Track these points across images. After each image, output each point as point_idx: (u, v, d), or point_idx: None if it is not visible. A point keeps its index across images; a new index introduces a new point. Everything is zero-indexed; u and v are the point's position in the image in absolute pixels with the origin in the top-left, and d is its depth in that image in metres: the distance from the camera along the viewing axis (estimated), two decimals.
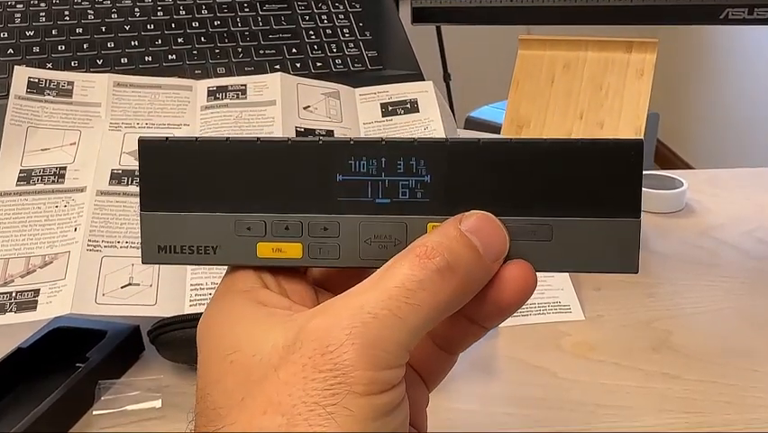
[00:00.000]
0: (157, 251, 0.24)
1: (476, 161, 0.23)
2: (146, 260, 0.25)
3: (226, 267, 0.25)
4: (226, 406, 0.21)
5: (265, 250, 0.24)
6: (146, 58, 0.63)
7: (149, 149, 0.24)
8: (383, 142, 0.24)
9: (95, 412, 0.40)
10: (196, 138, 0.24)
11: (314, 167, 0.24)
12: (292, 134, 0.51)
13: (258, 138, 0.24)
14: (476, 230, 0.23)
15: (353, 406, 0.20)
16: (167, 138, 0.24)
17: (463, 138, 0.24)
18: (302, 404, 0.20)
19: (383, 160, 0.23)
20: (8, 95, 0.50)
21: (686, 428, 0.40)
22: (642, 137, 0.24)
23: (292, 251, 0.24)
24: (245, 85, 0.54)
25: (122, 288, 0.42)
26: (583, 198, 0.23)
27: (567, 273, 0.52)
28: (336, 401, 0.20)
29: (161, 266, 0.43)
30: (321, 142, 0.24)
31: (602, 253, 0.23)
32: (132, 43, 0.64)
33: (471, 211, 0.23)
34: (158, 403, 0.40)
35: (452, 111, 0.65)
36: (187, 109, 0.52)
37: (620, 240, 0.23)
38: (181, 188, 0.24)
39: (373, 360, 0.20)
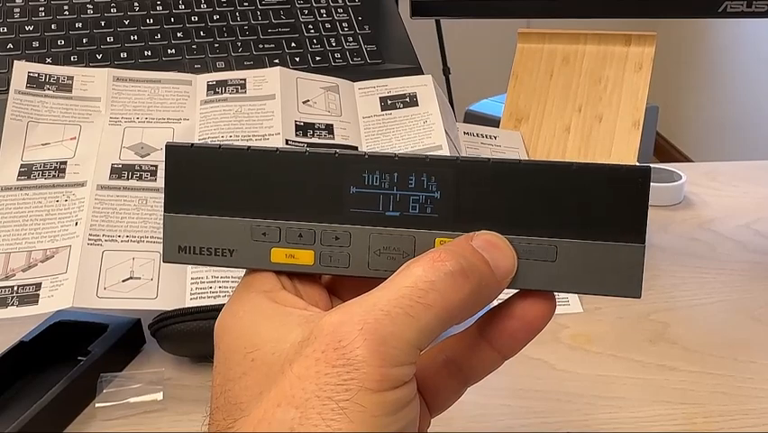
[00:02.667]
0: (177, 251, 0.26)
1: (485, 180, 0.24)
2: (167, 259, 0.26)
3: (241, 270, 0.26)
4: (246, 401, 0.22)
5: (279, 255, 0.25)
6: (145, 52, 0.63)
7: (174, 154, 0.25)
8: (396, 158, 0.24)
9: (97, 405, 0.40)
10: (219, 145, 0.25)
11: (329, 178, 0.25)
12: (291, 128, 0.51)
13: (277, 148, 0.25)
14: (487, 247, 0.23)
15: (365, 402, 0.20)
16: (192, 144, 0.25)
17: (474, 157, 0.25)
18: (315, 398, 0.20)
19: (395, 174, 0.24)
20: (8, 90, 0.50)
21: (683, 418, 0.40)
22: (645, 164, 0.24)
23: (304, 257, 0.25)
24: (245, 79, 0.54)
25: (123, 281, 0.42)
26: (589, 221, 0.24)
27: None
28: (349, 397, 0.20)
29: (161, 260, 0.44)
30: (337, 155, 0.25)
31: (606, 276, 0.24)
32: (132, 38, 0.64)
33: (482, 231, 0.24)
34: (159, 396, 0.41)
35: (452, 105, 0.65)
36: (187, 104, 0.52)
37: (624, 264, 0.24)
38: (203, 192, 0.25)
39: (384, 357, 0.21)
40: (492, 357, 0.25)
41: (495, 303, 0.25)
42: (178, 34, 0.65)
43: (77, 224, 0.45)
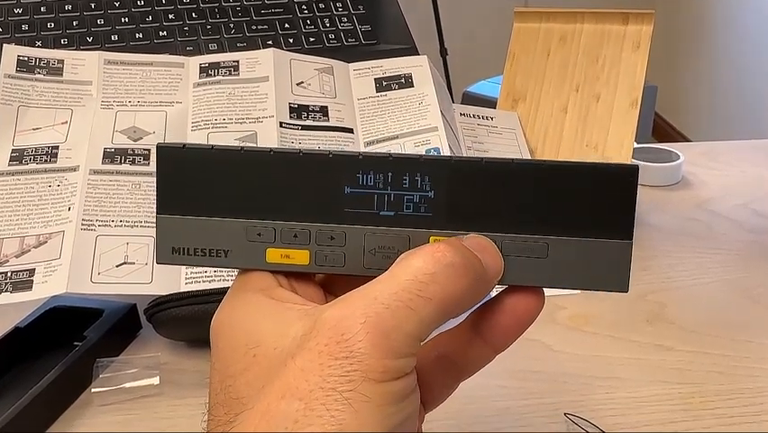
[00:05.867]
0: (171, 252, 0.26)
1: (478, 179, 0.24)
2: (160, 260, 0.26)
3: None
4: (248, 395, 0.22)
5: (274, 255, 0.25)
6: (137, 35, 0.62)
7: (166, 155, 0.25)
8: (390, 158, 0.25)
9: (93, 390, 0.40)
10: (212, 146, 0.25)
11: (323, 178, 0.25)
12: (285, 110, 0.51)
13: (271, 149, 0.25)
14: (477, 248, 0.24)
15: (369, 392, 0.21)
16: (184, 145, 0.25)
17: (467, 157, 0.25)
18: (319, 390, 0.21)
19: (389, 174, 0.25)
20: None
21: (679, 398, 0.40)
22: (633, 163, 0.25)
23: (300, 257, 0.25)
24: (237, 61, 0.53)
25: (117, 266, 0.42)
26: (579, 219, 0.24)
27: None
28: (353, 387, 0.20)
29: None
30: (331, 156, 0.25)
31: (595, 271, 0.25)
32: (123, 20, 0.63)
33: (471, 234, 0.25)
34: (156, 380, 0.41)
35: (450, 86, 0.64)
36: (180, 86, 0.52)
37: (612, 260, 0.25)
38: (196, 193, 0.25)
39: (386, 349, 0.21)
40: (484, 352, 0.26)
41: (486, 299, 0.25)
42: (170, 16, 0.64)
43: (70, 209, 0.44)
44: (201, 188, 0.25)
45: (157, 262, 0.26)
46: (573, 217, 0.24)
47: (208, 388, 0.24)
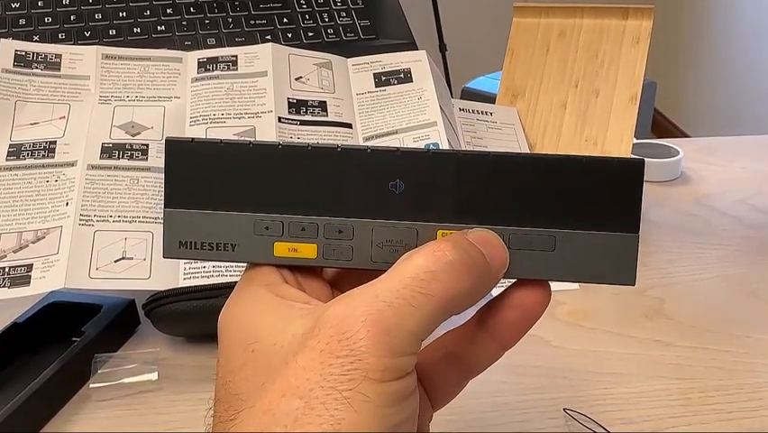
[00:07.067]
0: (178, 246, 0.26)
1: (485, 173, 0.25)
2: (167, 254, 0.26)
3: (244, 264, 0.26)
4: (247, 392, 0.22)
5: (282, 249, 0.25)
6: (134, 29, 0.62)
7: (175, 149, 0.25)
8: (398, 152, 0.25)
9: (91, 385, 0.40)
10: (221, 140, 0.25)
11: (331, 173, 0.25)
12: (284, 105, 0.51)
13: (279, 143, 0.25)
14: (482, 242, 0.24)
15: (369, 392, 0.21)
16: (192, 139, 0.25)
17: (474, 151, 0.25)
18: (319, 388, 0.21)
19: (397, 168, 0.25)
20: None
21: (678, 394, 0.40)
22: (639, 157, 0.25)
23: (307, 251, 0.25)
24: (236, 56, 0.53)
25: (115, 262, 0.42)
26: (585, 212, 0.25)
27: None
28: (352, 387, 0.20)
29: (154, 240, 0.43)
30: (339, 150, 0.25)
31: (601, 264, 0.25)
32: (120, 14, 0.63)
33: (476, 228, 0.25)
34: (154, 376, 0.41)
35: (449, 82, 0.64)
36: (178, 81, 0.51)
37: (619, 253, 0.25)
38: (204, 187, 0.25)
39: (387, 347, 0.21)
40: (492, 348, 0.26)
41: (494, 293, 0.25)
42: (168, 10, 0.64)
43: (67, 204, 0.44)
44: (209, 183, 0.25)
45: (164, 257, 0.26)
46: (580, 211, 0.24)
47: (213, 383, 0.24)
